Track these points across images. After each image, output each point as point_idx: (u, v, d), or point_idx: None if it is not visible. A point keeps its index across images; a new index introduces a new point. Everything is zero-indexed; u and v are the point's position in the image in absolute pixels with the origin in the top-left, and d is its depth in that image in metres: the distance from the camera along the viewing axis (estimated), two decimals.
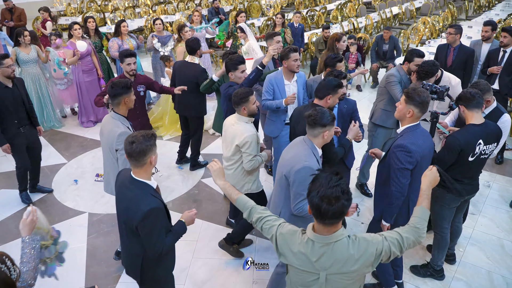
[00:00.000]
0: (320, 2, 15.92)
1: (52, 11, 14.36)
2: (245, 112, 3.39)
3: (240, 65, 3.88)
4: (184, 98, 5.00)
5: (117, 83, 3.22)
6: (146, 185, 2.41)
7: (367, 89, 8.35)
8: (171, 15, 13.06)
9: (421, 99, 2.73)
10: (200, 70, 4.90)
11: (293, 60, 3.88)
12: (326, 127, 2.67)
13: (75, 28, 6.21)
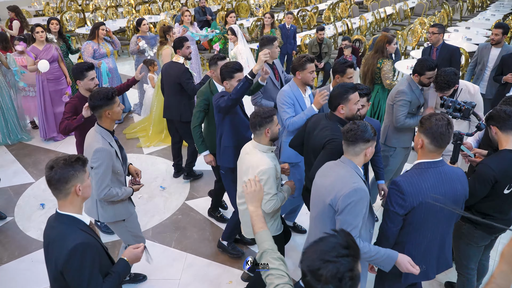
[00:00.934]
0: (311, 1, 15.43)
1: (30, 10, 13.68)
2: (267, 136, 2.78)
3: (236, 73, 3.32)
4: (169, 101, 4.63)
5: (95, 94, 2.76)
6: (74, 219, 1.94)
7: None
8: (156, 15, 12.44)
9: (433, 129, 2.18)
10: (182, 69, 4.46)
11: (309, 72, 3.38)
12: (369, 143, 2.22)
13: (37, 31, 5.54)
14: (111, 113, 2.79)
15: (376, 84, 4.86)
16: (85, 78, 3.56)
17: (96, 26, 5.97)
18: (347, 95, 2.67)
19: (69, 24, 11.06)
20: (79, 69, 3.55)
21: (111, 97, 2.76)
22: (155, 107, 5.85)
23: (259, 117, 2.75)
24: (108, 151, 2.74)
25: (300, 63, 3.35)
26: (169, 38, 5.60)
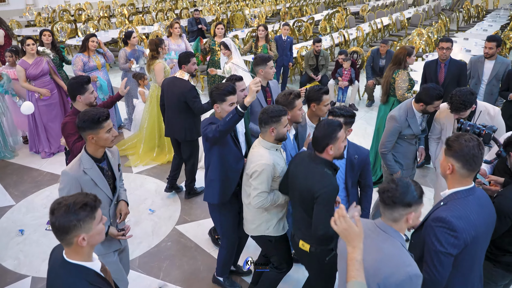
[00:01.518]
0: (306, 12, 15.29)
1: (21, 20, 13.42)
2: (272, 135, 2.70)
3: (229, 96, 2.97)
4: (173, 120, 4.38)
5: (82, 114, 2.50)
6: (82, 269, 1.70)
7: (363, 108, 7.62)
8: (149, 25, 12.22)
9: (464, 151, 1.95)
10: (188, 87, 4.20)
11: (298, 109, 3.09)
12: (412, 207, 1.77)
13: (27, 44, 5.26)
14: (96, 139, 2.48)
15: (391, 96, 4.68)
16: (86, 92, 3.31)
17: (86, 38, 5.71)
18: (335, 134, 2.42)
19: (60, 35, 10.81)
20: (80, 83, 3.29)
21: (97, 121, 2.45)
22: (146, 124, 5.58)
23: (266, 115, 2.66)
24: (74, 177, 2.45)
25: (288, 101, 3.03)
26: (161, 51, 5.34)
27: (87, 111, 2.52)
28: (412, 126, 3.56)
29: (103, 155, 2.62)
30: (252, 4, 16.69)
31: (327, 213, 2.34)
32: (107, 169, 2.65)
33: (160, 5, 16.29)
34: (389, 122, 3.63)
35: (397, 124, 3.55)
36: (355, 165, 2.91)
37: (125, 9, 14.59)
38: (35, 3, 16.12)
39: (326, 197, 2.37)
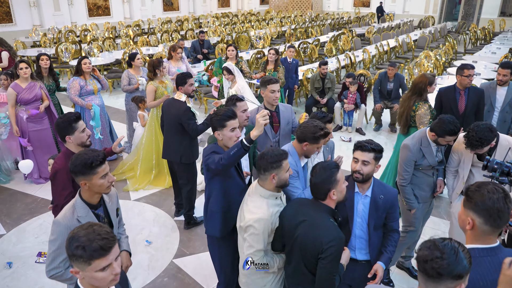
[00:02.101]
0: (312, 34, 15.26)
1: (27, 41, 13.46)
2: (273, 182, 2.41)
3: (229, 120, 2.75)
4: (169, 141, 4.28)
5: (74, 158, 2.26)
6: None
7: (370, 132, 7.40)
8: (154, 46, 12.18)
9: (486, 204, 1.67)
10: (183, 108, 4.08)
11: (317, 147, 2.89)
12: (463, 278, 1.48)
13: (20, 67, 5.10)
14: (90, 185, 2.25)
15: (411, 127, 4.38)
16: (75, 131, 2.88)
17: (79, 61, 5.55)
18: (334, 177, 2.25)
19: (64, 56, 10.77)
20: (66, 121, 2.85)
21: (90, 166, 2.19)
22: (143, 145, 5.39)
23: (265, 160, 2.39)
24: (67, 227, 2.18)
25: (315, 137, 2.80)
26: (158, 73, 5.18)
27: (80, 154, 2.26)
28: (427, 156, 3.32)
29: (100, 200, 2.37)
30: (257, 26, 16.71)
31: (333, 269, 2.15)
32: (103, 216, 2.40)
33: (166, 26, 16.36)
34: (403, 151, 3.40)
35: (411, 153, 3.32)
36: (380, 206, 2.64)
37: (131, 30, 14.64)
38: (42, 24, 16.25)
39: (334, 252, 2.13)
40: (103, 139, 5.91)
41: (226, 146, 2.79)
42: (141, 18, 19.10)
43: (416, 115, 4.17)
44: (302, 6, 26.11)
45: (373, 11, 24.06)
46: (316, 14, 21.80)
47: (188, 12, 22.35)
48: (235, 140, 2.77)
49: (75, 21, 17.14)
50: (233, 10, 25.25)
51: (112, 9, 18.93)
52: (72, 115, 2.95)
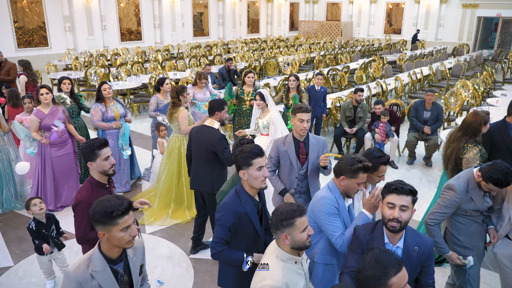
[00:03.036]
0: (341, 60, 14.97)
1: (59, 64, 13.76)
2: (287, 243, 2.09)
3: (256, 158, 2.45)
4: (199, 171, 4.04)
5: (96, 205, 2.00)
6: None
7: (403, 166, 6.91)
8: (181, 71, 12.17)
9: None
10: (217, 136, 3.86)
11: (357, 183, 2.59)
12: None
13: (41, 93, 4.97)
14: (108, 237, 1.99)
15: (461, 170, 3.78)
16: (97, 158, 2.75)
17: (98, 87, 5.42)
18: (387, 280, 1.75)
19: (93, 79, 10.86)
20: (89, 147, 2.75)
21: (109, 215, 1.94)
22: (163, 177, 5.13)
23: (275, 217, 2.10)
24: (77, 282, 1.94)
25: (353, 169, 2.53)
26: (182, 99, 4.97)
27: (102, 200, 2.01)
28: (475, 200, 2.91)
29: (121, 255, 2.11)
30: (286, 52, 16.59)
31: None
32: (122, 274, 2.10)
33: (194, 51, 16.47)
34: (446, 192, 3.01)
35: (456, 195, 2.92)
36: (414, 260, 2.27)
37: (160, 54, 14.78)
38: (76, 47, 16.68)
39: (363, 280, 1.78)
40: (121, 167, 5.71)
41: (252, 186, 2.48)
42: (171, 43, 19.38)
43: (464, 158, 3.71)
44: (331, 33, 26.01)
45: (404, 38, 23.67)
46: (346, 41, 21.58)
47: (218, 37, 22.60)
48: (262, 180, 2.46)
49: (108, 45, 17.53)
50: (263, 36, 25.40)
51: (143, 34, 19.32)
52: (97, 141, 2.82)
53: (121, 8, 18.24)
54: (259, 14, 25.33)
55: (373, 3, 25.71)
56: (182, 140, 5.09)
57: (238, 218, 2.40)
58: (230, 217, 2.39)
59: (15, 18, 15.05)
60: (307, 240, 2.09)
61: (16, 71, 7.92)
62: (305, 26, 27.21)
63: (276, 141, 3.67)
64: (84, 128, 5.92)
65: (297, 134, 3.52)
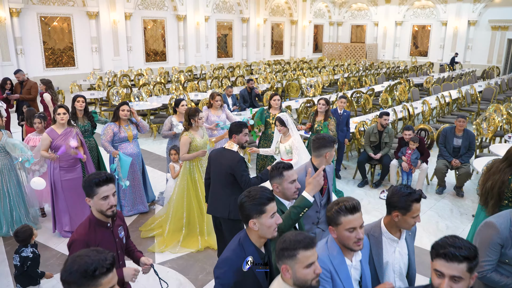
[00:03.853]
0: (365, 83, 14.64)
1: (84, 84, 13.96)
2: (287, 277, 1.89)
3: (269, 204, 2.18)
4: (217, 195, 3.86)
5: (70, 263, 1.65)
6: None
7: (432, 195, 6.47)
8: (202, 92, 12.10)
9: None
10: (237, 159, 3.70)
11: (348, 230, 2.15)
12: None
13: (58, 113, 4.87)
14: None
15: (504, 206, 3.44)
16: (94, 195, 2.48)
17: (118, 106, 5.31)
18: None
19: (115, 99, 10.90)
20: (88, 182, 2.49)
21: (92, 275, 1.60)
22: (174, 201, 4.91)
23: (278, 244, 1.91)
24: None
25: (332, 216, 2.18)
26: (193, 123, 4.77)
27: (78, 257, 1.66)
28: None
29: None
30: (309, 74, 16.40)
31: None
32: None
33: (217, 72, 16.49)
34: (485, 230, 2.61)
35: (497, 234, 2.53)
36: None
37: (182, 75, 14.83)
38: (101, 67, 16.98)
39: None
40: (134, 189, 5.53)
41: (261, 236, 2.21)
42: (194, 64, 19.52)
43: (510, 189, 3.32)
44: (356, 55, 25.75)
45: (431, 60, 23.17)
46: (371, 63, 21.26)
47: (241, 59, 22.68)
48: (275, 228, 2.19)
49: (133, 65, 17.79)
50: (286, 58, 25.38)
51: (168, 55, 19.57)
52: (98, 176, 2.52)
53: (147, 30, 18.56)
54: (283, 36, 25.39)
55: (398, 25, 25.41)
56: (193, 164, 4.89)
57: (242, 276, 2.11)
58: (232, 276, 2.08)
59: (45, 39, 15.47)
60: (313, 279, 1.83)
61: (37, 90, 7.97)
62: (329, 48, 27.07)
63: (299, 168, 3.44)
64: (95, 148, 5.79)
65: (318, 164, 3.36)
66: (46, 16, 15.29)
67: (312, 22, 26.65)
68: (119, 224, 2.81)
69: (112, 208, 2.55)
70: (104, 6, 16.25)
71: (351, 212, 2.12)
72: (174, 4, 18.86)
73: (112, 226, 2.70)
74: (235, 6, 21.85)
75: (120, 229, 2.83)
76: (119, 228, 2.81)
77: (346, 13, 27.98)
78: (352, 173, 7.37)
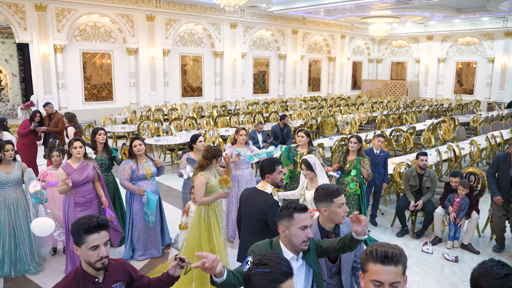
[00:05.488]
0: (406, 121, 13.85)
1: (119, 118, 14.06)
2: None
3: (286, 281, 1.72)
4: (246, 241, 3.46)
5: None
6: None
7: (485, 251, 5.58)
8: (234, 127, 11.78)
9: None
10: (269, 203, 3.29)
11: None
12: None
13: (75, 146, 4.60)
14: None
15: None
16: (82, 244, 2.15)
17: (130, 143, 4.99)
18: None
19: (145, 133, 10.78)
20: (76, 227, 2.16)
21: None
22: (184, 249, 4.40)
23: None
24: None
25: None
26: (214, 163, 4.32)
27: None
28: None
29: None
30: (346, 110, 15.81)
31: None
32: None
33: (251, 108, 16.26)
34: None
35: None
36: None
37: (215, 110, 14.67)
38: (138, 102, 17.20)
39: None
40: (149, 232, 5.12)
41: None
42: (229, 100, 19.47)
43: None
44: (396, 92, 24.95)
45: (477, 98, 21.96)
46: (412, 100, 20.40)
47: (278, 95, 22.48)
48: None
49: (169, 100, 17.93)
50: (323, 94, 24.95)
51: (204, 90, 19.66)
52: (88, 221, 2.15)
53: (184, 66, 18.81)
54: (320, 72, 25.10)
55: (441, 62, 24.50)
56: (210, 208, 4.40)
57: None
58: None
59: (85, 74, 15.93)
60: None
61: (63, 123, 7.91)
62: (368, 85, 26.45)
63: None
64: (113, 184, 5.49)
65: (329, 224, 2.83)
66: (88, 52, 15.80)
67: (351, 59, 26.27)
68: (115, 280, 2.33)
69: (103, 260, 2.16)
70: (144, 43, 16.63)
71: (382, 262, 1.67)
72: (212, 41, 19.10)
73: (102, 282, 2.25)
74: (272, 43, 21.91)
75: (117, 286, 2.35)
76: (115, 285, 2.33)
77: (385, 50, 27.45)
78: (390, 220, 6.61)
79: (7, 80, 16.89)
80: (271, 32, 21.23)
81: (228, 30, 19.30)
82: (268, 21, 20.49)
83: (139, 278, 2.47)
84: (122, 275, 2.37)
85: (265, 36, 21.49)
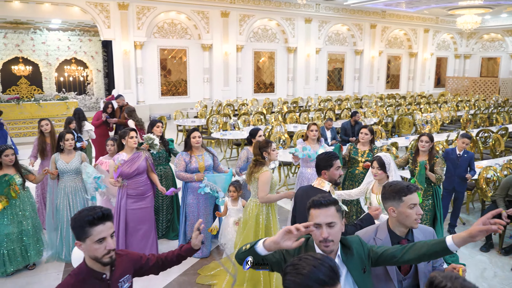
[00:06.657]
0: (497, 121, 12.40)
1: (191, 112, 14.36)
2: None
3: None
4: None
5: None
6: None
7: None
8: (303, 124, 11.40)
9: None
10: None
11: None
12: None
13: (131, 136, 4.60)
14: None
15: None
16: (87, 238, 1.97)
17: (188, 134, 4.86)
18: None
19: (213, 127, 10.82)
20: (78, 221, 1.98)
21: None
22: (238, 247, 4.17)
23: None
24: None
25: None
26: (266, 156, 4.02)
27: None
28: None
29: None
30: (426, 109, 14.62)
31: None
32: None
33: (323, 104, 15.72)
34: None
35: None
36: None
37: (285, 106, 14.39)
38: (211, 97, 17.50)
39: None
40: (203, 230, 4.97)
41: None
42: (302, 96, 19.07)
43: None
44: (486, 90, 22.70)
45: None
46: (505, 99, 18.36)
47: (353, 92, 21.59)
48: None
49: (241, 96, 18.02)
50: (402, 92, 23.50)
51: (276, 86, 19.48)
52: (91, 213, 1.98)
53: (257, 61, 18.77)
54: (400, 69, 23.66)
55: None
56: (270, 208, 4.11)
57: None
58: None
59: (162, 70, 16.55)
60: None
61: None
62: (453, 83, 24.40)
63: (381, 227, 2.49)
64: (171, 177, 5.44)
65: (400, 229, 2.42)
66: (165, 48, 16.39)
67: (435, 54, 24.42)
68: (122, 274, 2.16)
69: (110, 254, 1.98)
70: (218, 39, 16.85)
71: None
72: (285, 37, 18.82)
73: (110, 278, 2.08)
74: (349, 38, 21.05)
75: (125, 280, 2.18)
76: (122, 279, 2.16)
77: (475, 45, 25.10)
78: None
79: (93, 75, 18.15)
80: (347, 26, 20.41)
81: (302, 25, 18.89)
82: (345, 15, 19.70)
83: (146, 262, 2.31)
84: (128, 267, 2.19)
85: (341, 31, 20.72)
